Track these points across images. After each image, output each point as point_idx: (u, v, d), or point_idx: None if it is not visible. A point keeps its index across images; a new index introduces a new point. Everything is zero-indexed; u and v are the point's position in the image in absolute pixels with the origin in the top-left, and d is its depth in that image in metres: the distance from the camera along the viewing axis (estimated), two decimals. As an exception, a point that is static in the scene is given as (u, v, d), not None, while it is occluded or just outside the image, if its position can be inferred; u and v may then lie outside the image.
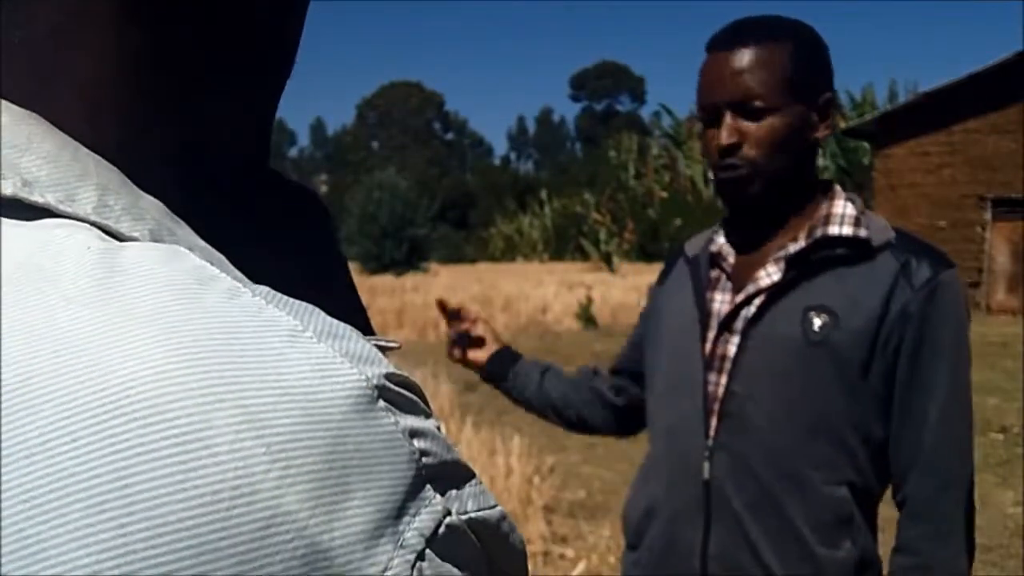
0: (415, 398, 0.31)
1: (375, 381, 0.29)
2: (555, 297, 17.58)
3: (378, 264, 33.98)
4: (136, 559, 0.24)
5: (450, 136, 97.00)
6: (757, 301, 1.30)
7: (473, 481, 0.32)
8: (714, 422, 1.30)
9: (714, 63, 1.28)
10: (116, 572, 0.24)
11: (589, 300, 14.35)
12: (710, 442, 1.30)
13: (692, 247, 1.44)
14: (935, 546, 1.23)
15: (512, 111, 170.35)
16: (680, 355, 1.37)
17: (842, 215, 1.29)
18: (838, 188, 1.35)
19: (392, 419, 0.29)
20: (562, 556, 4.17)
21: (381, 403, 0.29)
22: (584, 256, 35.19)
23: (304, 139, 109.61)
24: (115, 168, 0.34)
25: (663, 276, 1.51)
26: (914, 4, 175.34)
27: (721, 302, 1.35)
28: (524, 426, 5.74)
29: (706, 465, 1.29)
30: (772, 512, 1.26)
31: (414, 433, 0.30)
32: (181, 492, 0.25)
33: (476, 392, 8.40)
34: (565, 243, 41.05)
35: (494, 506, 0.33)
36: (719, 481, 1.29)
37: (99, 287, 0.29)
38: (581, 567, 3.91)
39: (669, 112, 37.52)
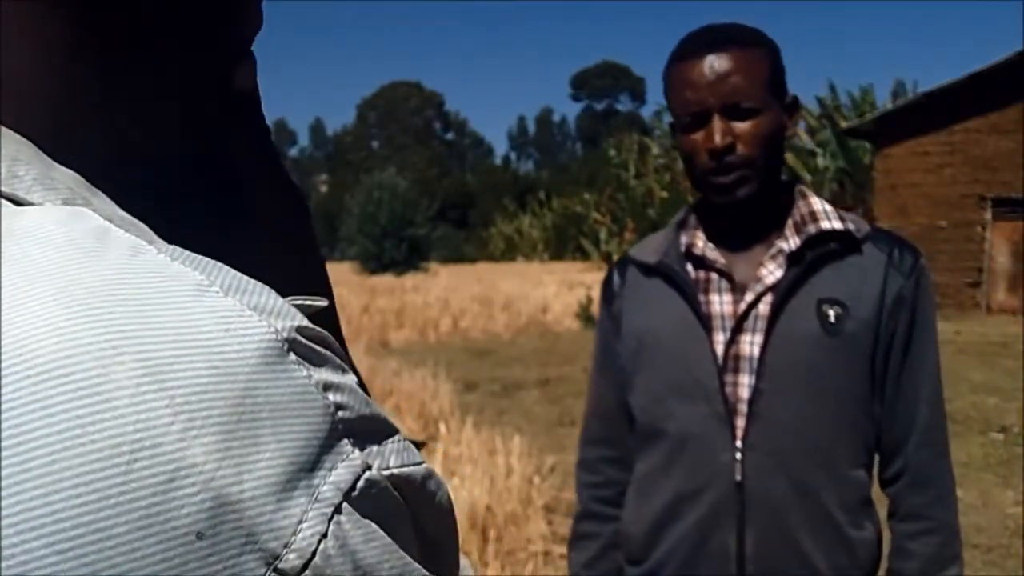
0: (329, 353, 0.30)
1: (285, 334, 0.28)
2: (555, 297, 17.58)
3: (378, 264, 33.99)
4: (33, 515, 0.24)
5: (450, 136, 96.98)
6: (767, 299, 1.31)
7: (396, 437, 0.31)
8: (740, 423, 1.30)
9: (695, 68, 1.28)
10: (11, 529, 0.24)
11: (589, 300, 14.33)
12: (739, 443, 1.30)
13: (647, 254, 1.41)
14: (940, 510, 1.33)
15: (512, 111, 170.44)
16: (682, 361, 1.34)
17: (825, 211, 1.34)
18: (803, 186, 1.40)
19: (304, 372, 0.28)
20: (562, 556, 4.17)
21: (292, 356, 0.28)
22: (584, 256, 35.14)
23: (304, 139, 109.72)
24: (27, 141, 0.33)
25: (615, 292, 1.45)
26: (914, 4, 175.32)
27: (722, 303, 1.34)
28: (524, 426, 5.75)
29: (737, 467, 1.29)
30: (809, 503, 1.29)
31: (328, 387, 0.29)
32: (78, 447, 0.24)
33: (476, 392, 8.40)
34: (565, 243, 41.01)
35: (419, 463, 0.32)
36: (753, 481, 1.29)
37: None
38: (581, 567, 3.91)
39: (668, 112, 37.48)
